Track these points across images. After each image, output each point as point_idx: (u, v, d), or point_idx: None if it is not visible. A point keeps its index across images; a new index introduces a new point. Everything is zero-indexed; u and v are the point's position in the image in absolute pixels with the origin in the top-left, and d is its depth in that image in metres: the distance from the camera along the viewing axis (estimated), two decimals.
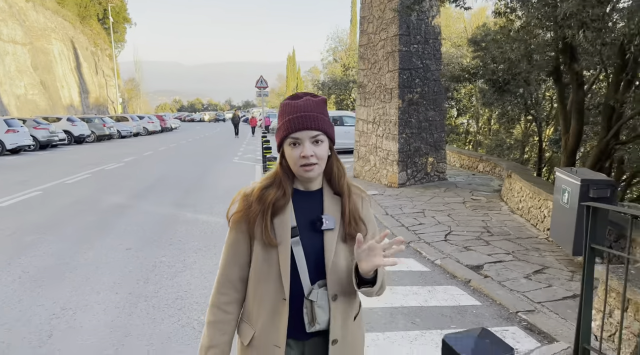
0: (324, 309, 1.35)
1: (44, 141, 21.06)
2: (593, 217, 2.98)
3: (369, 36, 11.05)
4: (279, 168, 1.39)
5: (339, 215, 1.39)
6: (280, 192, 1.36)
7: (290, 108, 1.32)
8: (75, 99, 39.22)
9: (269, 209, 1.34)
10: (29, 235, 6.31)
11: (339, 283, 1.36)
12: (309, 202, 1.40)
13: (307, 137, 1.30)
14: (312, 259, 1.35)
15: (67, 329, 3.59)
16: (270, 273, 1.34)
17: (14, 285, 4.50)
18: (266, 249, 1.34)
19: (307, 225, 1.37)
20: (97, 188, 10.18)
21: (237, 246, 1.39)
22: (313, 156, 1.31)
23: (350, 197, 1.41)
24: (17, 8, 32.19)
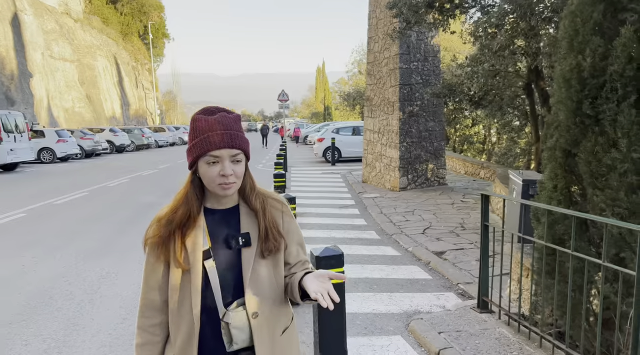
0: (240, 329, 1.33)
1: (89, 150, 23.13)
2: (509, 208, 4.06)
3: (374, 54, 12.23)
4: (188, 187, 1.35)
5: (256, 231, 1.36)
6: (185, 212, 1.32)
7: (207, 124, 1.27)
8: (117, 111, 41.98)
9: (177, 231, 1.32)
10: (80, 225, 7.77)
11: (261, 300, 1.34)
12: (224, 220, 1.37)
13: (227, 156, 1.27)
14: (231, 278, 1.33)
15: (110, 285, 4.90)
16: (184, 296, 1.32)
17: (72, 257, 5.89)
18: (179, 272, 1.32)
19: (223, 244, 1.35)
20: (133, 190, 11.71)
21: (155, 271, 1.36)
22: (232, 175, 1.28)
23: (265, 212, 1.38)
24: (67, 28, 35.06)
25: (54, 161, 20.43)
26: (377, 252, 6.39)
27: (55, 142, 20.28)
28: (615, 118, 3.18)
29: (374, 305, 4.48)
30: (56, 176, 15.16)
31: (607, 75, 3.21)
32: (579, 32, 3.38)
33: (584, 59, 3.31)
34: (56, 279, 5.06)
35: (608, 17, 3.27)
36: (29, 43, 28.10)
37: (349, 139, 18.97)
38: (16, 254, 6.04)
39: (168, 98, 70.33)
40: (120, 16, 48.85)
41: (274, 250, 1.36)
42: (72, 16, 37.48)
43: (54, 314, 4.13)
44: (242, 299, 1.33)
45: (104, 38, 41.95)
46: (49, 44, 31.49)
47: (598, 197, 3.28)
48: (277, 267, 1.38)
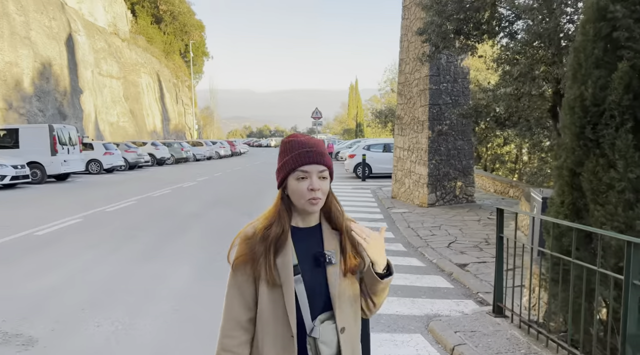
0: (327, 344, 1.37)
1: (133, 162, 24.44)
2: None
3: (405, 75, 12.74)
4: (279, 204, 1.42)
5: (339, 250, 1.42)
6: (279, 229, 1.38)
7: (298, 144, 1.38)
8: (158, 125, 43.88)
9: (271, 248, 1.36)
10: (130, 231, 8.53)
11: (346, 316, 1.40)
12: (308, 238, 1.42)
13: (315, 171, 1.35)
14: (316, 295, 1.38)
15: (161, 283, 5.53)
16: (277, 312, 1.36)
17: (126, 259, 6.59)
18: (271, 288, 1.36)
19: (308, 261, 1.40)
20: (176, 200, 12.53)
21: (243, 289, 1.40)
22: (319, 190, 1.35)
23: (348, 232, 1.43)
24: (114, 47, 37.21)
25: (101, 172, 21.73)
26: (403, 262, 6.81)
27: (102, 155, 21.61)
28: (613, 142, 3.59)
29: (397, 308, 4.92)
30: (104, 186, 16.25)
31: (607, 104, 3.62)
32: (582, 66, 3.82)
33: (586, 89, 3.73)
34: (114, 276, 5.74)
35: (607, 53, 3.69)
36: (80, 61, 30.04)
37: (379, 156, 19.42)
38: (78, 254, 6.79)
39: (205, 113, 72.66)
40: (164, 35, 51.30)
41: (355, 269, 1.42)
42: (120, 36, 39.75)
43: (116, 304, 4.77)
44: (327, 314, 1.38)
45: (148, 56, 44.15)
46: (98, 62, 33.51)
47: (599, 212, 3.67)
48: (355, 285, 1.44)
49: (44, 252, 6.88)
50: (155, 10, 50.20)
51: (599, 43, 3.72)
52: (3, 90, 21.99)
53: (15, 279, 5.58)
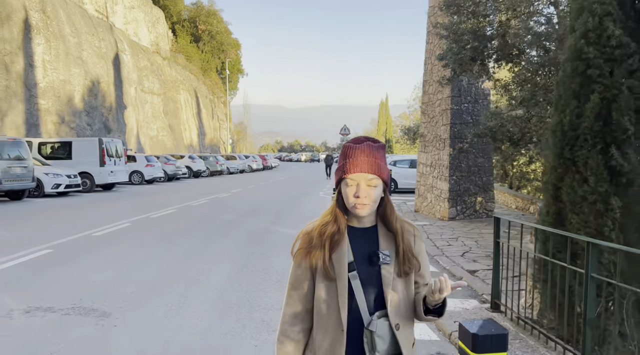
0: (383, 339, 1.44)
1: (171, 174, 25.89)
2: None
3: (429, 96, 13.49)
4: (335, 204, 1.51)
5: (394, 251, 1.49)
6: (335, 227, 1.47)
7: (351, 151, 1.45)
8: (194, 139, 45.79)
9: (327, 243, 1.46)
10: (174, 235, 9.53)
11: (399, 314, 1.47)
12: (364, 238, 1.50)
13: (363, 179, 1.42)
14: (370, 292, 1.46)
15: (206, 277, 6.43)
16: (331, 305, 1.45)
17: (173, 258, 7.54)
18: (326, 282, 1.46)
19: (364, 259, 1.48)
20: (214, 209, 13.56)
21: (301, 280, 1.51)
22: (366, 197, 1.42)
23: (403, 236, 1.51)
24: (156, 65, 39.39)
25: (142, 183, 23.19)
26: None
27: (144, 166, 23.09)
28: (586, 161, 4.29)
29: None
30: (146, 195, 17.54)
31: (581, 130, 4.33)
32: (562, 97, 4.54)
33: (565, 117, 4.45)
34: (166, 270, 6.69)
35: (582, 87, 4.40)
36: (125, 79, 32.07)
37: (405, 171, 20.07)
38: (132, 252, 7.80)
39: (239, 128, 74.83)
40: (202, 54, 53.69)
41: (409, 271, 1.49)
42: (161, 54, 42.02)
43: (169, 290, 5.68)
44: (381, 312, 1.45)
45: (187, 74, 46.34)
46: (141, 79, 35.60)
47: (575, 219, 4.35)
48: (409, 286, 1.51)
49: (103, 249, 7.93)
50: (195, 30, 52.67)
51: (575, 78, 4.45)
52: (57, 106, 23.90)
53: (83, 270, 6.60)
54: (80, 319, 4.64)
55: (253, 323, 4.63)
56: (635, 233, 4.30)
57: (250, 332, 4.39)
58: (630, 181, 4.21)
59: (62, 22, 24.73)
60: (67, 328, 4.41)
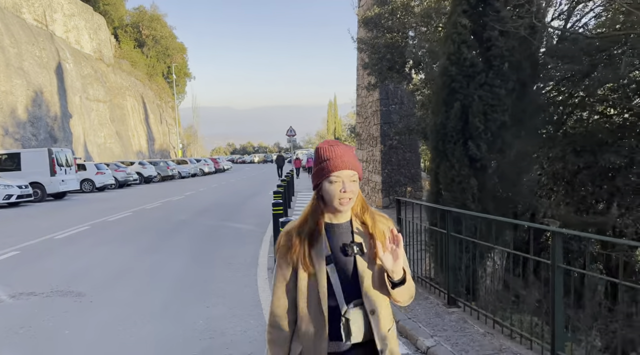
0: (358, 325, 1.57)
1: (122, 181, 26.15)
2: None
3: (362, 99, 14.97)
4: (314, 203, 1.65)
5: (368, 242, 1.63)
6: (313, 224, 1.61)
7: (330, 152, 1.58)
8: (143, 145, 45.55)
9: (305, 240, 1.60)
10: (133, 234, 10.42)
11: (374, 300, 1.60)
12: (340, 232, 1.64)
13: (347, 176, 1.56)
14: (347, 282, 1.59)
15: (162, 267, 7.47)
16: (312, 296, 1.58)
17: (134, 252, 8.50)
18: (306, 275, 1.59)
19: (340, 252, 1.61)
20: (168, 211, 14.42)
21: (285, 275, 1.63)
22: (351, 192, 1.57)
23: (376, 226, 1.66)
24: (100, 72, 39.02)
25: (93, 190, 23.40)
26: None
27: (94, 174, 23.31)
28: (453, 152, 5.74)
29: None
30: (100, 202, 18.04)
31: (448, 129, 5.77)
32: (436, 104, 6.00)
33: (438, 119, 5.89)
34: (128, 263, 7.66)
35: (449, 96, 5.85)
36: (69, 88, 31.80)
37: None
38: (95, 250, 8.67)
39: (189, 132, 74.31)
40: (147, 59, 53.21)
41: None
42: (105, 61, 41.59)
43: (134, 276, 6.69)
44: (357, 300, 1.58)
45: (132, 79, 45.99)
46: (85, 87, 35.28)
47: (447, 196, 5.80)
48: (382, 274, 1.60)
49: (67, 248, 8.76)
50: (138, 35, 52.17)
51: (444, 89, 5.91)
52: (0, 117, 23.67)
53: (53, 264, 7.47)
54: (60, 299, 5.62)
55: (206, 293, 5.78)
56: (490, 203, 5.81)
57: (204, 299, 5.54)
58: (483, 166, 5.72)
59: (0, 32, 24.47)
60: (51, 306, 5.39)
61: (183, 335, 4.45)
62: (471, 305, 4.90)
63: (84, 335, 4.52)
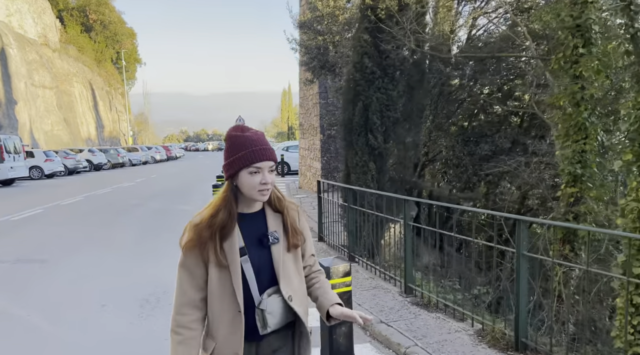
0: (273, 315, 1.56)
1: (72, 168, 26.27)
2: None
3: (304, 91, 16.24)
4: (227, 194, 1.55)
5: (281, 229, 1.61)
6: (226, 215, 1.53)
7: (248, 141, 1.52)
8: (92, 133, 44.91)
9: (216, 234, 1.52)
10: (86, 215, 11.30)
11: (291, 287, 1.60)
12: (253, 222, 1.60)
13: (266, 167, 1.52)
14: (263, 271, 1.56)
15: (111, 244, 8.52)
16: (225, 290, 1.52)
17: (87, 228, 9.46)
18: (219, 269, 1.52)
19: (254, 242, 1.57)
20: (119, 196, 15.22)
21: (192, 271, 1.55)
22: (271, 182, 1.54)
23: (289, 213, 1.65)
24: (46, 58, 38.16)
25: (42, 177, 23.51)
26: None
27: (43, 161, 23.41)
28: (357, 142, 7.15)
29: None
30: (50, 188, 18.46)
31: (354, 123, 7.17)
32: (345, 102, 7.38)
33: (347, 115, 7.29)
34: (84, 237, 8.64)
35: (354, 97, 7.23)
36: (14, 74, 31.17)
37: (296, 156, 22.88)
38: (51, 228, 9.54)
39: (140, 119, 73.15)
40: (95, 44, 52.01)
41: (298, 244, 1.64)
42: (50, 46, 40.59)
43: (91, 248, 7.72)
44: (273, 288, 1.58)
45: (80, 65, 45.06)
46: (30, 73, 34.55)
47: (353, 177, 7.22)
48: (298, 260, 1.67)
49: (24, 228, 9.59)
50: (85, 19, 50.84)
51: (350, 92, 7.31)
52: None
53: (14, 240, 8.35)
54: (26, 265, 6.63)
55: (153, 258, 6.95)
56: (386, 183, 7.28)
57: (151, 262, 6.70)
58: (380, 153, 7.17)
59: None
60: (19, 270, 6.40)
61: (133, 284, 5.63)
62: (364, 261, 6.35)
63: (51, 291, 5.61)
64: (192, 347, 1.55)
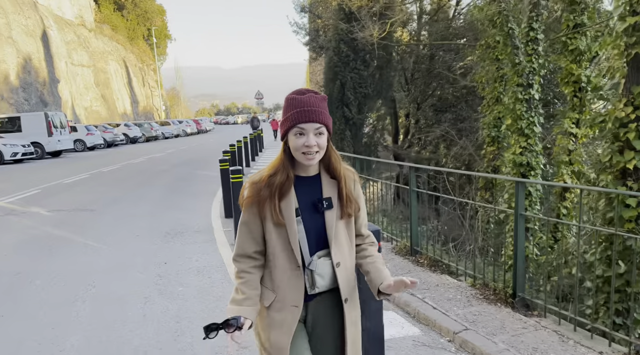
0: (322, 277, 1.61)
1: (110, 141, 28.82)
2: None
3: (312, 67, 17.71)
4: (282, 156, 1.60)
5: (336, 196, 1.63)
6: (284, 177, 1.57)
7: (297, 102, 1.52)
8: (128, 108, 47.72)
9: (275, 193, 1.57)
10: (123, 179, 13.42)
11: (341, 254, 1.63)
12: (308, 186, 1.62)
13: (311, 129, 1.51)
14: (313, 235, 1.60)
15: (146, 195, 10.52)
16: (283, 247, 1.59)
17: (125, 189, 11.52)
18: (276, 227, 1.58)
19: (308, 206, 1.61)
20: (151, 164, 17.37)
21: (250, 225, 1.63)
22: (315, 145, 1.52)
23: (346, 182, 1.64)
24: (83, 38, 40.67)
25: (85, 150, 26.11)
26: None
27: (85, 135, 25.95)
28: (336, 114, 8.74)
29: None
30: (92, 159, 20.87)
31: (333, 98, 8.75)
32: (326, 80, 8.95)
33: (327, 90, 8.87)
34: (123, 194, 10.69)
35: (334, 76, 8.76)
36: (55, 54, 33.73)
37: None
38: (95, 189, 11.66)
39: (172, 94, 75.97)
40: (127, 22, 54.36)
41: (352, 213, 1.66)
42: (87, 26, 43.06)
43: (127, 201, 9.73)
44: (324, 251, 1.62)
45: (114, 44, 47.54)
46: (69, 53, 37.13)
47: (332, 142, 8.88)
48: (350, 228, 1.69)
49: (75, 188, 11.76)
50: None
51: (330, 71, 8.90)
52: None
53: (67, 196, 10.46)
54: (81, 212, 8.68)
55: (177, 208, 8.87)
56: (360, 147, 8.89)
57: (175, 210, 8.62)
58: (354, 123, 8.79)
59: None
60: (76, 215, 8.44)
61: (159, 223, 7.56)
62: None
63: (100, 227, 7.60)
64: (252, 286, 1.64)
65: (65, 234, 7.14)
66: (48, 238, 6.93)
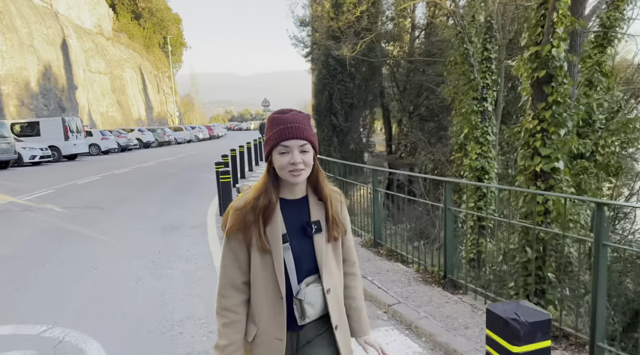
0: (312, 305, 1.53)
1: (124, 145, 29.96)
2: None
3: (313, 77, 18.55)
4: (266, 177, 1.52)
5: (324, 219, 1.57)
6: (266, 200, 1.49)
7: (280, 120, 1.47)
8: (142, 114, 49.15)
9: (259, 218, 1.49)
10: (133, 181, 14.32)
11: (331, 279, 1.57)
12: (296, 209, 1.55)
13: (295, 146, 1.46)
14: (303, 261, 1.53)
15: (152, 196, 11.36)
16: (267, 276, 1.51)
17: (134, 190, 12.39)
18: (261, 254, 1.50)
19: (296, 231, 1.54)
20: (160, 168, 18.29)
21: (236, 254, 1.53)
22: (301, 163, 1.46)
23: (332, 203, 1.59)
24: (100, 46, 42.19)
25: (99, 154, 27.25)
26: None
27: (100, 140, 27.10)
28: (324, 122, 9.49)
29: None
30: (106, 162, 21.92)
31: (321, 108, 9.48)
32: (315, 91, 9.71)
33: (316, 101, 9.62)
34: (131, 194, 11.55)
35: (323, 88, 9.51)
36: (73, 61, 35.15)
37: None
38: (107, 189, 12.56)
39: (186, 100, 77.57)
40: (143, 30, 56.01)
41: (338, 236, 1.60)
42: (104, 35, 44.62)
43: (134, 200, 10.57)
44: (312, 277, 1.55)
45: (130, 51, 49.09)
46: (87, 60, 38.59)
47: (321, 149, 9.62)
48: (337, 250, 1.63)
49: (87, 188, 12.66)
50: (135, 7, 54.76)
51: (320, 83, 9.64)
52: (16, 90, 27.27)
53: (79, 196, 11.34)
54: (92, 209, 9.53)
55: (180, 207, 9.67)
56: (347, 153, 9.60)
57: (178, 209, 9.42)
58: (341, 130, 9.51)
59: (13, 15, 27.70)
60: (87, 212, 9.29)
61: (160, 220, 8.36)
62: None
63: (108, 222, 8.43)
64: (235, 330, 1.54)
65: (75, 228, 7.98)
66: (59, 231, 7.77)
